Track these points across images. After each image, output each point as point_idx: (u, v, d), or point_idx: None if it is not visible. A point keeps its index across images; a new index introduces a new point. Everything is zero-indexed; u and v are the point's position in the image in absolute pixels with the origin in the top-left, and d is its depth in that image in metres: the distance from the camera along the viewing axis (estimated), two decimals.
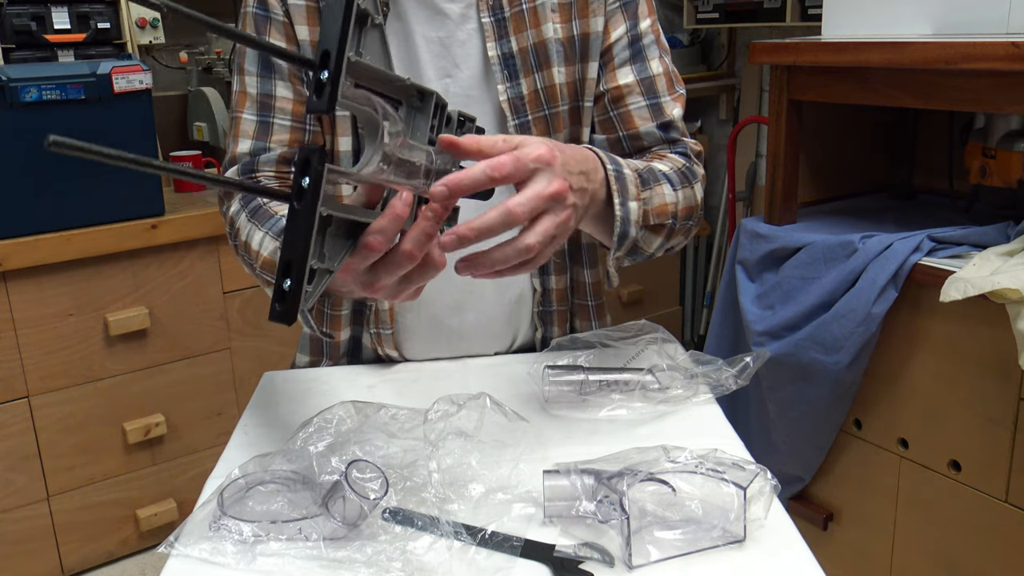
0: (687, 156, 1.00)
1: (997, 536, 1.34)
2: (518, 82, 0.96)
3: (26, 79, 1.82)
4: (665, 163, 0.96)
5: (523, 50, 0.96)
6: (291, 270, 0.58)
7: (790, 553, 0.65)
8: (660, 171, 0.93)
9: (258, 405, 0.94)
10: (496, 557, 0.64)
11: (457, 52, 0.97)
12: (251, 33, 0.96)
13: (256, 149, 0.97)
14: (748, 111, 2.77)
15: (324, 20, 0.58)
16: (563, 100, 0.99)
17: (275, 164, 0.97)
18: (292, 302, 0.58)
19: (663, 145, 1.01)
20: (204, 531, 0.67)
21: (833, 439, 1.55)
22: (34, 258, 1.87)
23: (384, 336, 1.02)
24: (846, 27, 1.56)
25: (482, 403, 0.74)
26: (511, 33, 0.96)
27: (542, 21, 0.96)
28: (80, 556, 2.09)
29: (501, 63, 0.96)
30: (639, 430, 0.83)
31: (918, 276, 1.35)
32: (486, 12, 0.95)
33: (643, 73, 1.00)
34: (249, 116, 0.97)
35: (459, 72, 0.97)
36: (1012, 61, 1.19)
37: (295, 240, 0.58)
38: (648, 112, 0.99)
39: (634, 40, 0.99)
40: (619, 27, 0.99)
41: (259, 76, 0.96)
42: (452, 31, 0.96)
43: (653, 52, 1.00)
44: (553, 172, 0.70)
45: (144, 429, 2.09)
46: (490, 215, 0.67)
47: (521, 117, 0.97)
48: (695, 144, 1.03)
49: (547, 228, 0.70)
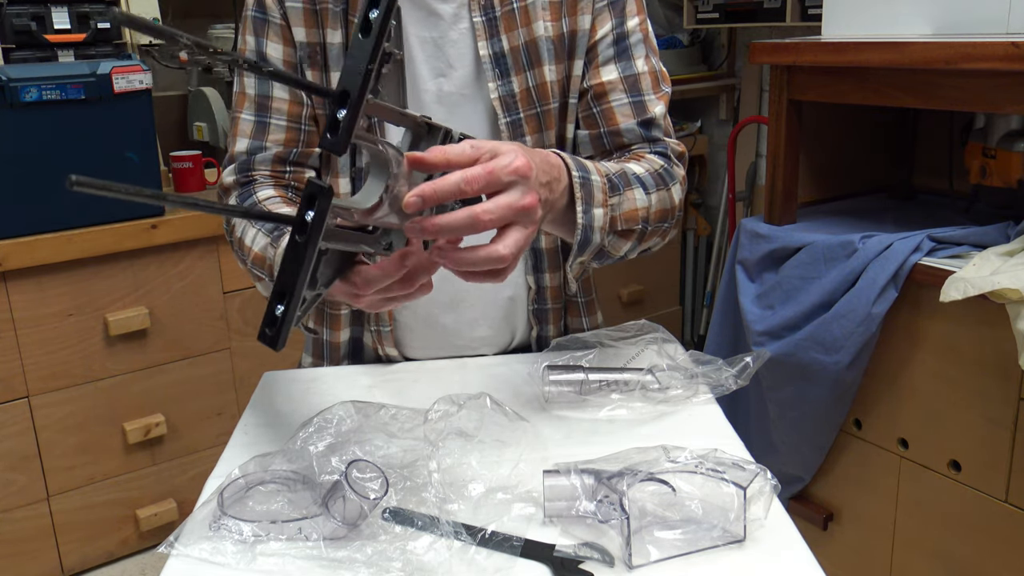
0: (667, 157, 1.00)
1: (997, 536, 1.34)
2: (509, 80, 0.97)
3: (26, 79, 1.82)
4: (642, 164, 0.96)
5: (514, 49, 0.97)
6: (285, 298, 0.61)
7: (790, 553, 0.65)
8: (633, 174, 0.92)
9: (258, 405, 0.94)
10: (496, 557, 0.64)
11: (450, 52, 0.97)
12: (251, 38, 0.98)
13: (253, 148, 0.99)
14: (748, 111, 2.77)
15: (350, 57, 0.60)
16: (554, 97, 0.99)
17: (271, 163, 0.99)
18: (281, 328, 0.61)
19: (643, 144, 1.00)
20: (204, 531, 0.67)
21: (833, 439, 1.55)
22: (34, 258, 1.87)
23: (384, 334, 1.03)
24: (846, 27, 1.56)
25: (482, 403, 0.74)
26: (502, 32, 0.96)
27: (533, 19, 0.97)
28: (80, 556, 2.09)
29: (492, 62, 0.96)
30: (639, 430, 0.83)
31: (918, 276, 1.35)
32: (478, 12, 0.96)
33: (627, 71, 1.00)
34: (247, 116, 0.99)
35: (452, 72, 0.98)
36: (1012, 61, 1.19)
37: (292, 271, 0.60)
38: (630, 109, 0.99)
39: (620, 38, 0.99)
40: (605, 25, 0.99)
41: (257, 78, 0.98)
42: (445, 31, 0.97)
43: (639, 51, 1.00)
44: (528, 185, 0.69)
45: (144, 429, 2.09)
46: (456, 214, 0.67)
47: (513, 114, 0.98)
48: (677, 144, 1.02)
49: (518, 240, 0.69)
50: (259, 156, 0.98)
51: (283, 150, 0.99)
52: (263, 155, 0.98)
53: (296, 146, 0.99)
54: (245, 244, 0.93)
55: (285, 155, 0.99)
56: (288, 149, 0.99)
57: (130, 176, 1.97)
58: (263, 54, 0.97)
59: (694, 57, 2.87)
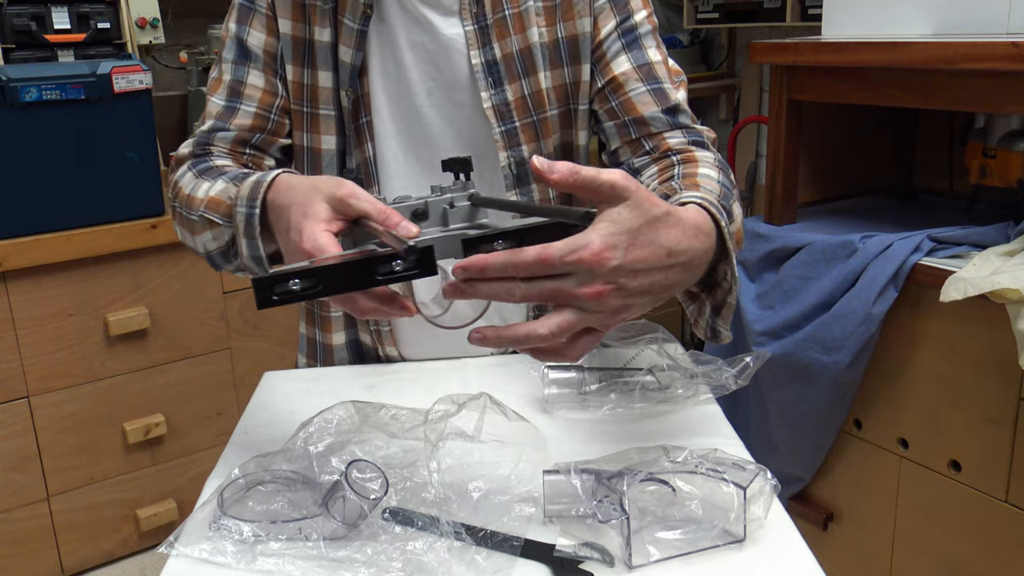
0: (705, 145, 0.96)
1: (997, 536, 1.34)
2: (503, 89, 0.95)
3: (26, 79, 1.82)
4: (712, 169, 0.88)
5: (507, 56, 0.95)
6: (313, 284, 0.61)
7: (790, 553, 0.65)
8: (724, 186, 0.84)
9: (258, 405, 0.94)
10: (496, 557, 0.64)
11: (440, 58, 0.96)
12: (234, 25, 0.97)
13: (216, 128, 0.96)
14: (748, 111, 2.77)
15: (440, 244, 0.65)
16: (551, 105, 0.98)
17: (230, 143, 0.96)
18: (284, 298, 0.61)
19: (673, 131, 0.96)
20: (204, 531, 0.67)
21: (833, 439, 1.55)
22: (34, 258, 1.87)
23: (384, 333, 1.02)
24: (846, 27, 1.56)
25: (482, 403, 0.74)
26: (494, 40, 0.95)
27: (527, 26, 0.95)
28: (80, 556, 2.09)
29: (484, 70, 0.95)
30: (639, 430, 0.83)
31: (918, 276, 1.35)
32: (469, 20, 0.95)
33: (640, 60, 0.97)
34: (218, 100, 0.97)
35: (443, 77, 0.96)
36: (1012, 61, 1.19)
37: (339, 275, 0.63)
38: (650, 97, 0.96)
39: (627, 31, 0.97)
40: (609, 22, 0.97)
41: (234, 63, 0.97)
42: (436, 36, 0.95)
43: (650, 41, 0.98)
44: (593, 275, 0.60)
45: (144, 429, 2.09)
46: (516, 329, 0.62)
47: (508, 123, 0.96)
48: (709, 131, 0.99)
49: (561, 323, 0.62)
50: (220, 134, 0.96)
51: (247, 133, 0.96)
52: (224, 134, 0.96)
53: (261, 132, 0.97)
54: (196, 197, 0.88)
55: (247, 138, 0.96)
56: (252, 133, 0.96)
57: (130, 176, 1.97)
58: (243, 41, 0.96)
59: (694, 57, 2.87)
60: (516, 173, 0.97)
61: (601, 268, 0.60)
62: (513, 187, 0.97)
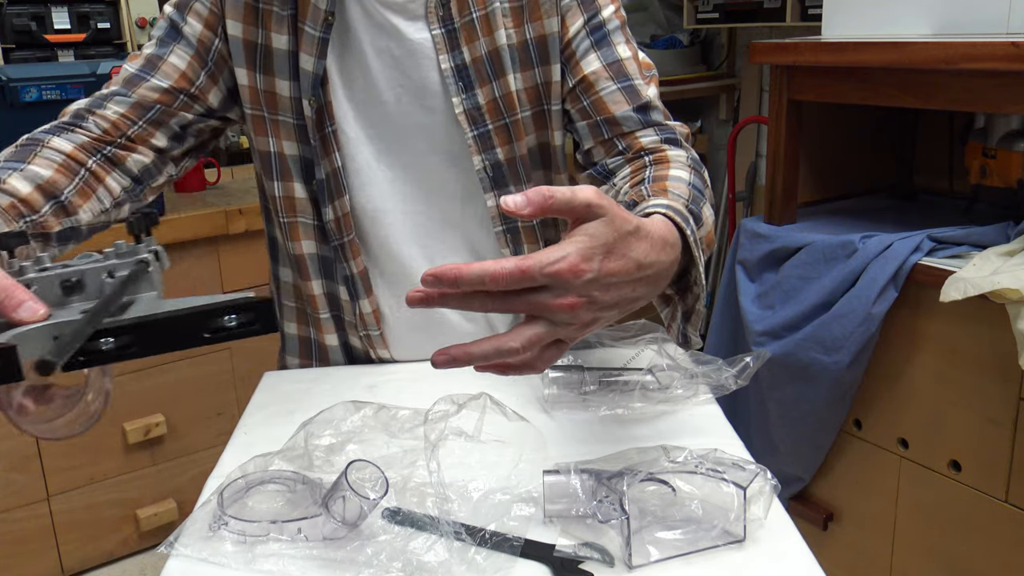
0: (678, 143, 0.96)
1: (997, 536, 1.34)
2: (474, 93, 0.94)
3: (26, 79, 1.82)
4: (683, 170, 0.89)
5: (476, 60, 0.94)
6: None
7: (790, 553, 0.65)
8: (695, 188, 0.84)
9: (258, 405, 0.94)
10: (496, 557, 0.64)
11: (408, 64, 0.93)
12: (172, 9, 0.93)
13: (116, 92, 0.92)
14: (748, 111, 2.77)
15: None
16: (523, 107, 0.96)
17: (127, 107, 0.91)
18: None
19: (645, 129, 0.95)
20: (204, 531, 0.67)
21: (833, 439, 1.55)
22: None
23: (374, 338, 1.01)
24: (846, 27, 1.56)
25: (482, 403, 0.74)
26: (463, 44, 0.93)
27: (495, 28, 0.93)
28: (80, 556, 2.09)
29: (455, 75, 0.93)
30: (639, 430, 0.83)
31: (918, 276, 1.35)
32: (436, 24, 0.92)
33: (609, 58, 0.95)
34: (130, 67, 0.93)
35: (411, 83, 0.94)
36: (1012, 61, 1.19)
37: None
38: (622, 96, 0.94)
39: (595, 28, 0.96)
40: (577, 20, 0.95)
41: (160, 41, 0.93)
42: (402, 42, 0.93)
43: (619, 37, 0.96)
44: (568, 287, 0.59)
45: (144, 429, 2.09)
46: (483, 345, 0.60)
47: (480, 127, 0.94)
48: (681, 126, 0.98)
49: (532, 335, 0.60)
50: (117, 98, 0.91)
51: (148, 104, 0.91)
52: (122, 99, 0.91)
53: (164, 106, 0.92)
54: None
55: (147, 108, 0.91)
56: (154, 105, 0.91)
57: None
58: (177, 25, 0.93)
59: (694, 57, 2.88)
60: (492, 176, 0.96)
61: (577, 280, 0.59)
62: (490, 189, 0.96)
